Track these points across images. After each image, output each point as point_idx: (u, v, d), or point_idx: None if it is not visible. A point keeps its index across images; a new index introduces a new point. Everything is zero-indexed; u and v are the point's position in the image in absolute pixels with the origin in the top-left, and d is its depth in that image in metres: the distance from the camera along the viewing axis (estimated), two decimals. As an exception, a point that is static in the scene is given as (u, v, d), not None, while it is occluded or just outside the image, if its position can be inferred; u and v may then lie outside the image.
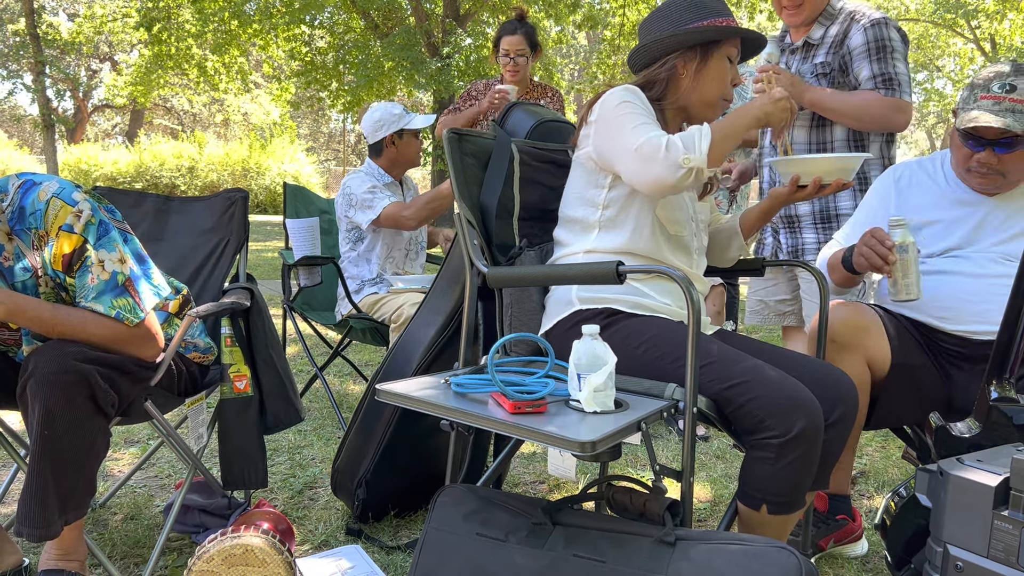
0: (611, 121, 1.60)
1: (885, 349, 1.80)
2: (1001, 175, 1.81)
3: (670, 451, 2.87)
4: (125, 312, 1.58)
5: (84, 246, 1.56)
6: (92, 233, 1.57)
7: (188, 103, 29.20)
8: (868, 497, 2.49)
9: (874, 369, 1.81)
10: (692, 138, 1.52)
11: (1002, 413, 1.45)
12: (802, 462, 1.37)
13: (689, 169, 1.50)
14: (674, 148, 1.50)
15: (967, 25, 19.33)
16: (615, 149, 1.59)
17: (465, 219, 1.71)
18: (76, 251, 1.56)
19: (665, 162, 1.50)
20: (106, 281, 1.58)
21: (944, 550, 1.23)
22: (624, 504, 1.38)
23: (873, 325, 1.80)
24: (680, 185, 1.52)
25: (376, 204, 2.94)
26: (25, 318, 1.51)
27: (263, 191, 20.01)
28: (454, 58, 13.06)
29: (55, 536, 1.49)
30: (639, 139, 1.54)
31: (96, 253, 1.57)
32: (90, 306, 1.57)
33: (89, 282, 1.57)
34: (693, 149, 1.50)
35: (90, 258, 1.57)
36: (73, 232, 1.55)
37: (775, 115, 1.60)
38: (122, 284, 1.59)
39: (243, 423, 1.92)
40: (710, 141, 1.51)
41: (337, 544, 2.03)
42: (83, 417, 1.47)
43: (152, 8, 15.46)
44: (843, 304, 1.85)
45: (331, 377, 3.94)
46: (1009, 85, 1.76)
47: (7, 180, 1.60)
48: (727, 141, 1.54)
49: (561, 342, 1.65)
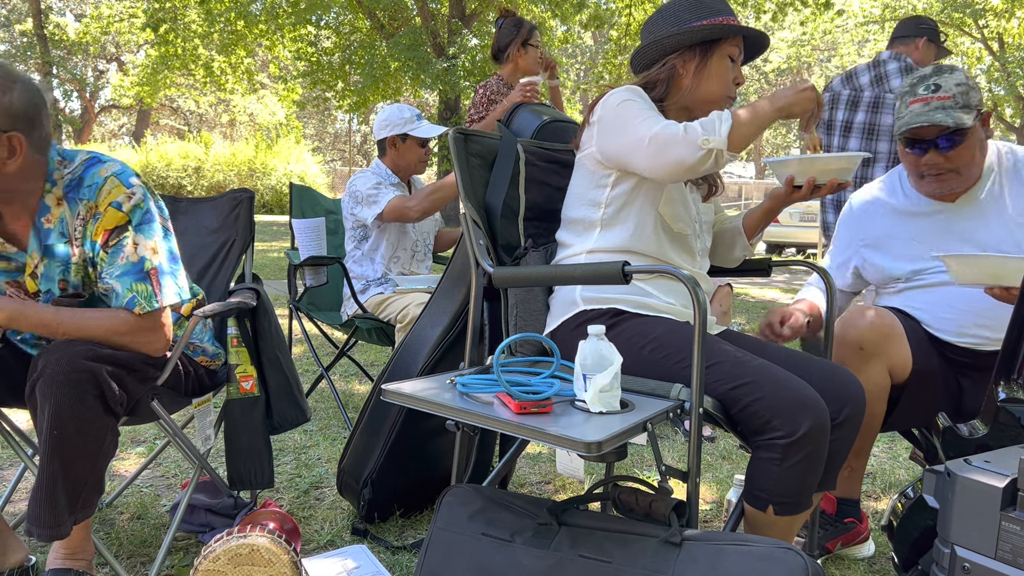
0: (615, 119, 1.60)
1: (907, 356, 1.79)
2: (954, 172, 1.83)
3: (676, 452, 2.86)
4: (140, 298, 1.60)
5: (126, 226, 1.60)
6: (137, 216, 1.61)
7: (194, 103, 29.30)
8: (875, 498, 2.48)
9: (894, 376, 1.80)
10: (712, 121, 1.51)
11: (1010, 414, 1.44)
12: (809, 463, 1.36)
13: (709, 151, 1.48)
14: (693, 131, 1.50)
15: (975, 24, 19.24)
16: (625, 144, 1.58)
17: (471, 219, 1.71)
18: (117, 228, 1.60)
19: (684, 143, 1.49)
20: (134, 264, 1.60)
21: (951, 551, 1.23)
22: (630, 504, 1.38)
23: (897, 331, 1.80)
24: (699, 167, 1.50)
25: (381, 199, 2.94)
26: (28, 323, 1.52)
27: (269, 191, 20.07)
28: (460, 58, 13.06)
29: (65, 536, 1.50)
30: (653, 128, 1.53)
31: (134, 235, 1.61)
32: (111, 283, 1.59)
33: (119, 260, 1.60)
34: (713, 131, 1.50)
35: (127, 238, 1.60)
36: (120, 210, 1.59)
37: (799, 105, 1.56)
38: (147, 271, 1.61)
39: (249, 423, 1.92)
40: (731, 124, 1.50)
41: (343, 544, 2.03)
42: (93, 416, 1.47)
43: (159, 9, 15.51)
44: (869, 308, 1.84)
45: (337, 377, 3.95)
46: (934, 85, 1.81)
47: (76, 152, 1.66)
48: (748, 126, 1.52)
49: (566, 342, 1.64)
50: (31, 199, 1.60)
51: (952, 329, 1.84)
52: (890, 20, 20.36)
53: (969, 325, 1.81)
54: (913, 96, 1.82)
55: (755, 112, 1.54)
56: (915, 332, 1.84)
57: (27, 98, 1.50)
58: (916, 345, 1.81)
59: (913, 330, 1.83)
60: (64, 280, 1.64)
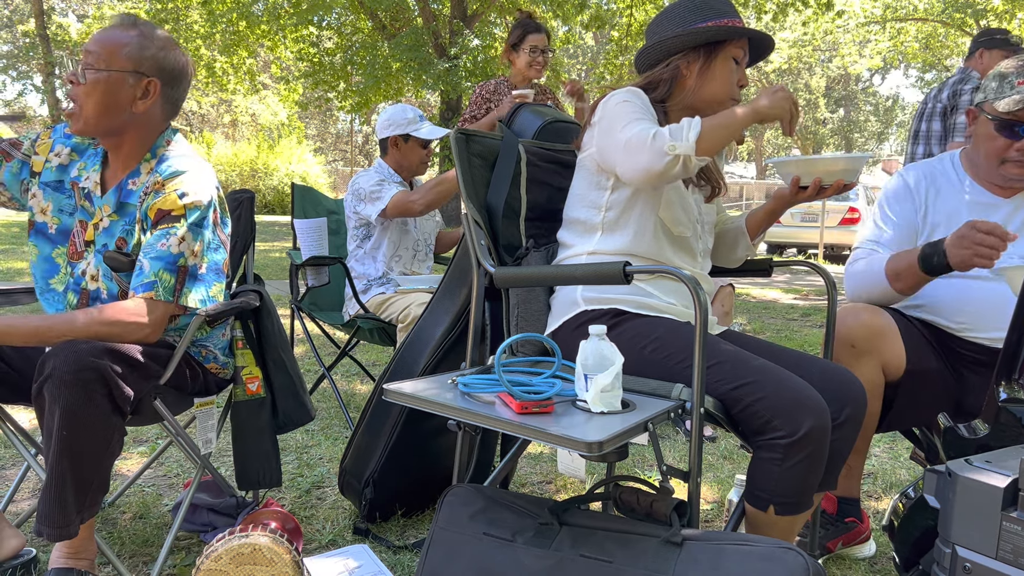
0: (609, 121, 1.61)
1: (901, 355, 1.79)
2: None
3: (677, 452, 2.86)
4: (161, 286, 1.62)
5: (180, 217, 1.65)
6: (194, 215, 1.66)
7: (196, 104, 29.29)
8: (876, 498, 2.48)
9: (888, 374, 1.80)
10: (681, 128, 1.50)
11: (1011, 414, 1.44)
12: (810, 462, 1.37)
13: (675, 157, 1.48)
14: (660, 137, 1.49)
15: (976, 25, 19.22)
16: (607, 147, 1.60)
17: (472, 219, 1.72)
18: (171, 215, 1.65)
19: (651, 150, 1.49)
20: (172, 254, 1.64)
21: (952, 551, 1.23)
22: (631, 504, 1.38)
23: (890, 330, 1.79)
24: (667, 173, 1.50)
25: (384, 195, 2.95)
26: (19, 336, 1.53)
27: (271, 191, 20.06)
28: (462, 59, 13.06)
29: (74, 535, 1.50)
30: (629, 133, 1.53)
31: (185, 231, 1.65)
32: (142, 260, 1.63)
33: (159, 244, 1.64)
34: (680, 137, 1.49)
35: (177, 229, 1.64)
36: (181, 200, 1.65)
37: (774, 108, 1.54)
38: (180, 266, 1.65)
39: (257, 424, 1.93)
40: (699, 131, 1.49)
41: (344, 543, 2.03)
42: (101, 416, 1.48)
43: (161, 9, 15.52)
44: (861, 307, 1.83)
45: (338, 377, 3.95)
46: None
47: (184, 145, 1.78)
48: (719, 131, 1.51)
49: (568, 342, 1.65)
50: (136, 153, 1.72)
51: (971, 324, 1.81)
52: (891, 20, 20.35)
53: (990, 320, 1.79)
54: (1022, 77, 1.74)
55: (727, 118, 1.52)
56: (910, 331, 1.83)
57: (179, 64, 1.71)
58: (911, 344, 1.80)
59: (908, 329, 1.83)
60: (124, 239, 1.71)
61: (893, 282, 1.82)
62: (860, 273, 1.90)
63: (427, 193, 2.90)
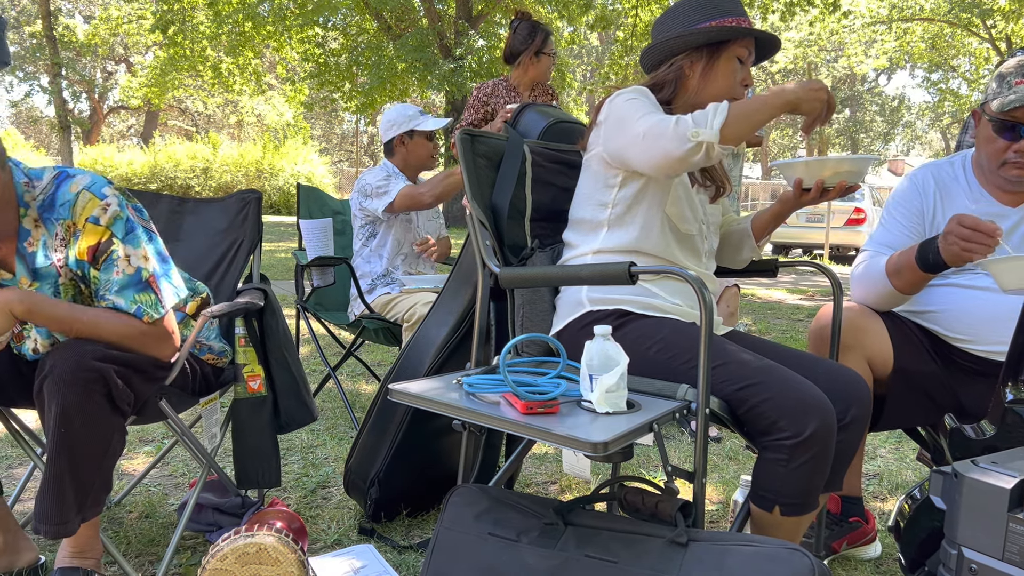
0: (618, 117, 1.60)
1: (886, 351, 1.79)
2: None
3: (682, 452, 2.86)
4: (146, 307, 1.60)
5: (111, 240, 1.59)
6: (119, 228, 1.60)
7: (202, 104, 29.40)
8: (882, 499, 2.48)
9: (875, 370, 1.81)
10: (706, 114, 1.47)
11: (1017, 415, 1.44)
12: (815, 463, 1.36)
13: (698, 143, 1.44)
14: (684, 123, 1.46)
15: (982, 25, 19.17)
16: (623, 141, 1.57)
17: (477, 219, 1.72)
18: (102, 244, 1.59)
19: (673, 136, 1.46)
20: (130, 276, 1.60)
21: (958, 553, 1.22)
22: (636, 505, 1.38)
23: (873, 328, 1.80)
24: (688, 159, 1.46)
25: (391, 189, 2.96)
26: (43, 316, 1.53)
27: (276, 192, 20.10)
28: (467, 59, 13.08)
29: (72, 533, 1.51)
30: (647, 123, 1.51)
31: (123, 247, 1.60)
32: (112, 299, 1.59)
33: (114, 275, 1.60)
34: (704, 124, 1.45)
35: (116, 252, 1.60)
36: (99, 224, 1.58)
37: (808, 103, 1.48)
38: (146, 280, 1.62)
39: (257, 423, 1.93)
40: (725, 117, 1.45)
41: (349, 543, 2.03)
42: (100, 415, 1.48)
43: (167, 10, 15.58)
44: (849, 305, 1.85)
45: (344, 377, 3.96)
46: None
47: (44, 170, 1.64)
48: (746, 119, 1.46)
49: (573, 343, 1.65)
50: (9, 221, 1.58)
51: (971, 337, 1.79)
52: (897, 21, 20.30)
53: (991, 334, 1.76)
54: (1020, 77, 1.70)
55: (757, 104, 1.47)
56: (903, 332, 1.83)
57: None
58: (900, 343, 1.80)
59: (900, 329, 1.83)
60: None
61: (894, 280, 1.80)
62: (863, 275, 1.89)
63: (436, 185, 2.92)
